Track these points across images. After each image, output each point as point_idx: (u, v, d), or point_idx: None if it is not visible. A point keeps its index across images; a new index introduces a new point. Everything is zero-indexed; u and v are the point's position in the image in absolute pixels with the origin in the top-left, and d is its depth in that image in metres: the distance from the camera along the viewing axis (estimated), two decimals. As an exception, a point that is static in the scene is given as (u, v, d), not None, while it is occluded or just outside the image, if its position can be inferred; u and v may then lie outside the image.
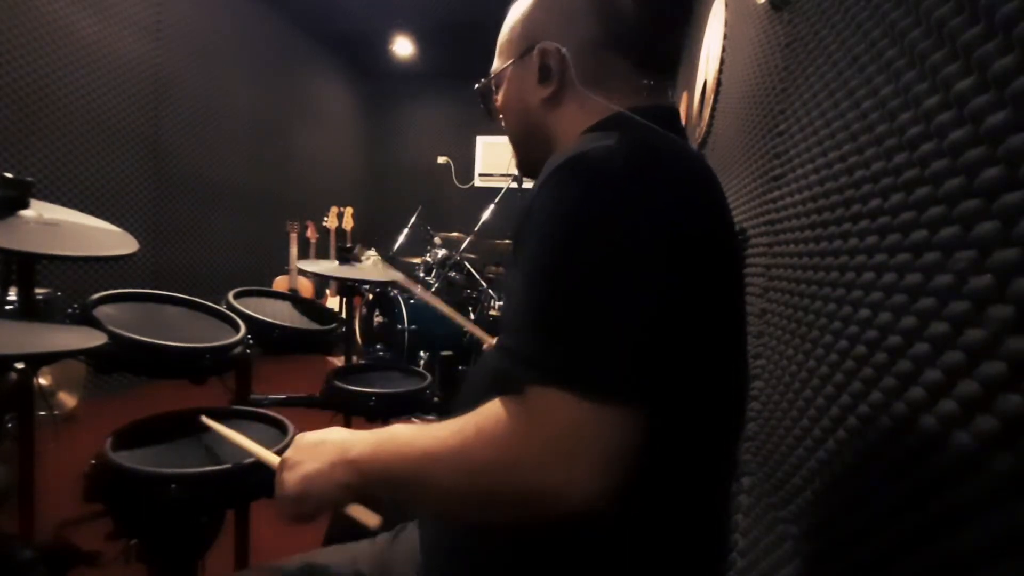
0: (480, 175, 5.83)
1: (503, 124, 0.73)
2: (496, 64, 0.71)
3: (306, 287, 4.04)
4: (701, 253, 0.48)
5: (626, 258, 0.44)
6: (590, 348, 0.43)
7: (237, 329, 1.12)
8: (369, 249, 3.28)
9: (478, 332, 1.39)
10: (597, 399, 0.42)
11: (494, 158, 5.76)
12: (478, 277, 3.37)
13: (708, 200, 0.51)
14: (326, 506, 0.56)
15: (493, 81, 0.72)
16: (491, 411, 0.47)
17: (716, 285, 0.50)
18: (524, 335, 0.46)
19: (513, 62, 0.67)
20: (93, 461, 0.82)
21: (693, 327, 0.47)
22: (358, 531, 0.77)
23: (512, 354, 0.47)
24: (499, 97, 0.71)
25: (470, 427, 0.48)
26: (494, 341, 1.17)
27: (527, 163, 0.73)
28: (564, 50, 0.61)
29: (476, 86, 0.75)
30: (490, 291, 3.30)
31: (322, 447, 0.57)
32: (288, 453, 0.60)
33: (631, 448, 0.43)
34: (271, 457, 0.68)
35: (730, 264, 0.53)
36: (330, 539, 0.91)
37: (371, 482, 0.53)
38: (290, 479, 0.57)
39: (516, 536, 0.51)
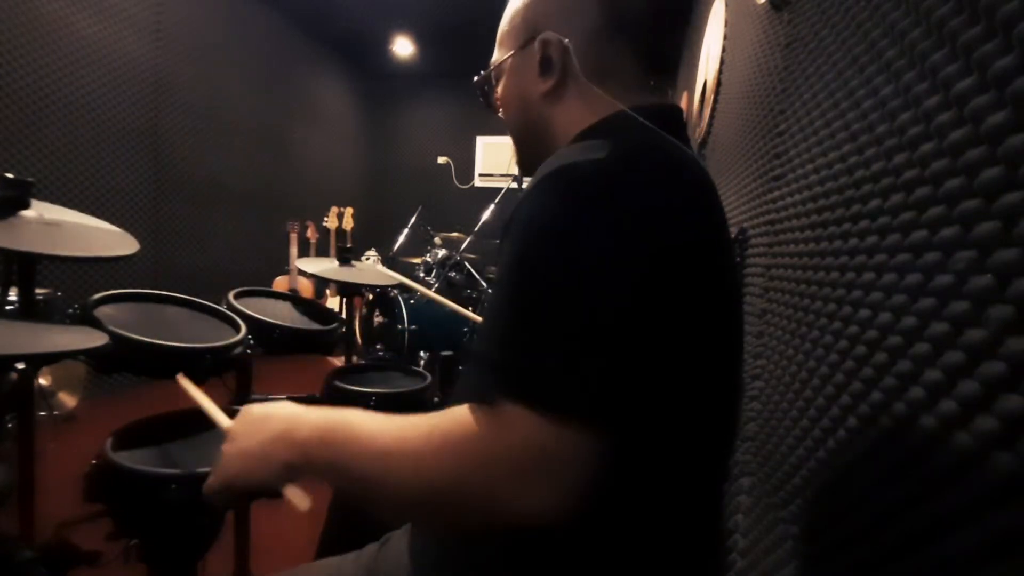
0: (480, 175, 5.83)
1: (503, 118, 0.71)
2: (496, 55, 0.68)
3: (306, 287, 4.04)
4: (685, 270, 0.47)
5: (599, 275, 0.43)
6: (555, 364, 0.42)
7: (237, 329, 1.12)
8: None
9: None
10: (558, 417, 0.41)
11: (494, 158, 5.76)
12: (478, 277, 3.37)
13: (697, 215, 0.50)
14: (260, 485, 0.54)
15: (493, 73, 0.69)
16: (457, 417, 0.46)
17: (703, 299, 0.49)
18: (493, 345, 0.46)
19: (513, 53, 0.64)
20: (93, 461, 0.82)
21: (674, 343, 0.46)
22: (353, 537, 0.77)
23: (481, 364, 0.46)
24: (499, 89, 0.69)
25: (436, 434, 0.46)
26: None
27: (527, 160, 0.71)
28: (566, 41, 0.59)
29: (475, 78, 0.72)
30: (490, 291, 3.30)
31: (267, 422, 0.54)
32: (233, 424, 0.58)
33: (592, 466, 0.42)
34: (226, 423, 0.65)
35: (721, 276, 0.52)
36: (325, 544, 0.91)
37: (317, 468, 0.51)
38: (229, 454, 0.55)
39: (507, 543, 0.51)
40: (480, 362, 0.47)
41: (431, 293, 1.53)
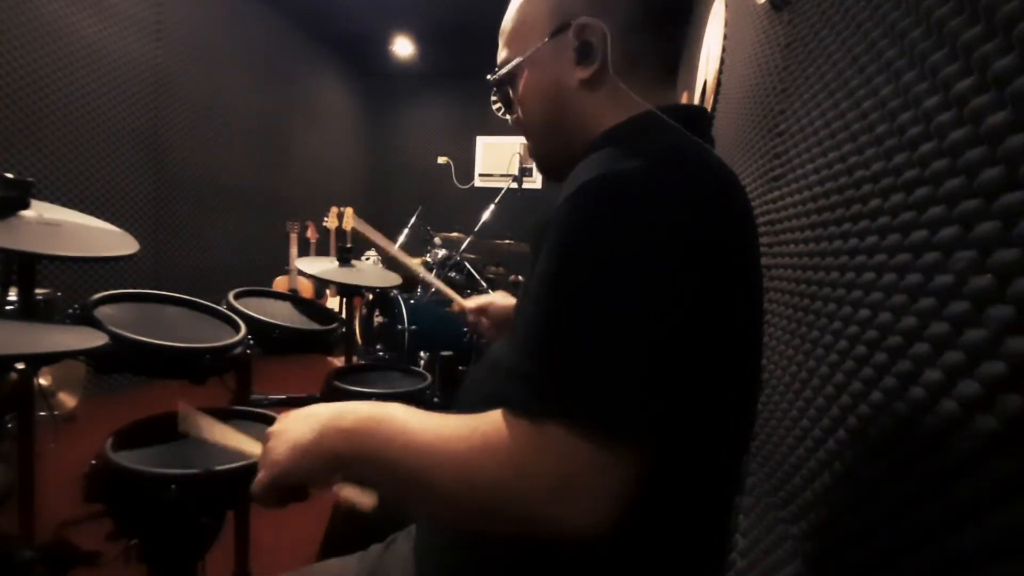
0: (480, 175, 5.82)
1: (520, 118, 0.67)
2: (508, 53, 0.65)
3: (306, 287, 4.04)
4: (723, 283, 0.46)
5: (642, 290, 0.42)
6: (600, 384, 0.42)
7: (237, 329, 1.12)
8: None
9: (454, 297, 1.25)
10: (602, 439, 0.41)
11: (494, 158, 5.76)
12: (478, 277, 3.37)
13: (736, 225, 0.49)
14: (314, 480, 0.53)
15: (511, 69, 0.65)
16: (500, 426, 0.45)
17: (739, 313, 0.48)
18: (533, 362, 0.45)
19: (537, 47, 0.61)
20: (93, 461, 0.82)
21: (711, 356, 0.45)
22: (356, 538, 0.77)
23: (520, 381, 0.45)
24: (520, 86, 0.64)
25: (477, 436, 0.45)
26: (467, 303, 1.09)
27: (552, 159, 0.67)
28: (605, 27, 0.56)
29: (490, 77, 0.68)
30: (490, 291, 3.30)
31: (312, 417, 0.53)
32: (275, 426, 0.56)
33: (631, 485, 0.42)
34: (255, 447, 0.62)
35: (754, 288, 0.51)
36: (328, 544, 0.91)
37: (362, 459, 0.50)
38: (277, 449, 0.53)
39: (514, 547, 0.50)
40: (519, 377, 0.45)
41: (439, 283, 1.48)
